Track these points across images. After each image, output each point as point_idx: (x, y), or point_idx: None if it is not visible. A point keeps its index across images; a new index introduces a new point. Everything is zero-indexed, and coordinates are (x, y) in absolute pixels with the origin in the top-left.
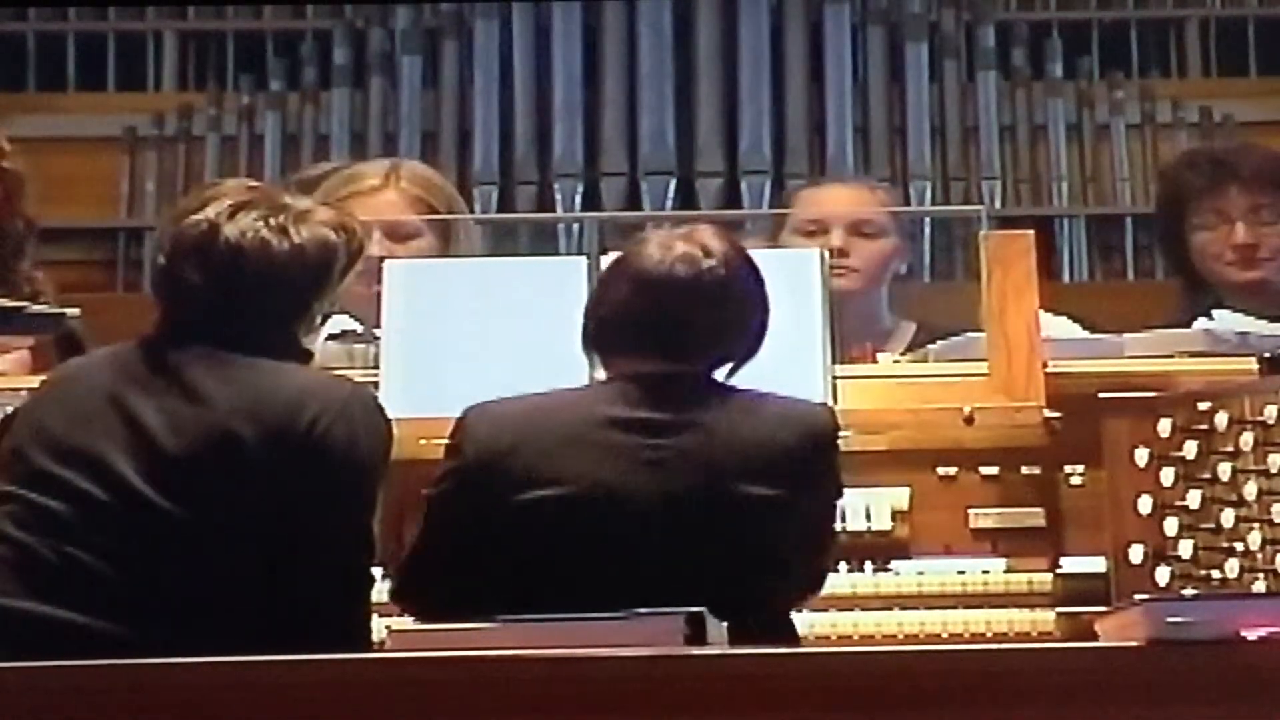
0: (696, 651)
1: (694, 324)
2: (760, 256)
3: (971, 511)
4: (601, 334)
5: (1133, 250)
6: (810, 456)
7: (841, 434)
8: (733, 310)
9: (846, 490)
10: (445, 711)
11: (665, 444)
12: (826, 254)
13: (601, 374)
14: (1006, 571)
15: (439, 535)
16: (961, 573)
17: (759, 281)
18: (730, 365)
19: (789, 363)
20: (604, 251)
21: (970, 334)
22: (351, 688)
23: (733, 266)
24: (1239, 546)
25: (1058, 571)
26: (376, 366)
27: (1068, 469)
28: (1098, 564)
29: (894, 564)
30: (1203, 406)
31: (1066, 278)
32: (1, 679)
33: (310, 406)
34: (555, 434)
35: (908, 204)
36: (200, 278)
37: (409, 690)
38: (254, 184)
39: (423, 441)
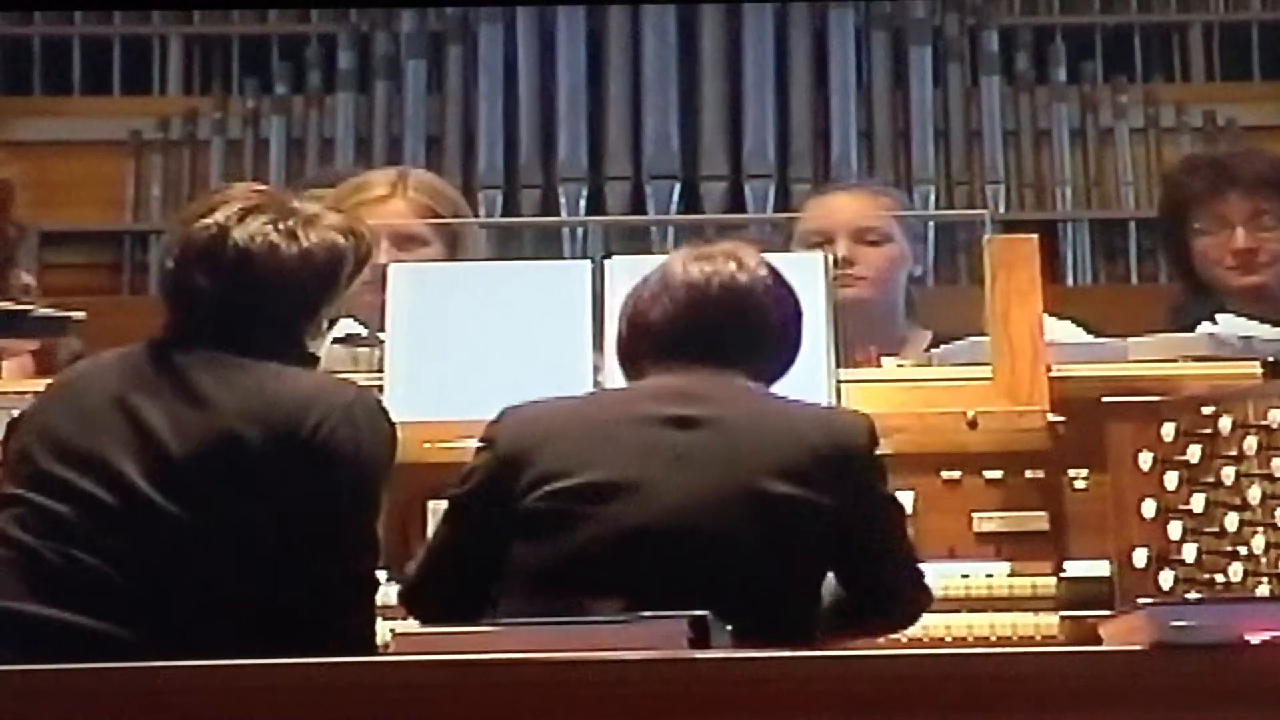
0: (701, 655)
1: (736, 333)
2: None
3: (975, 515)
4: (644, 342)
5: (1136, 254)
6: (841, 462)
7: None
8: (774, 320)
9: None
10: (449, 715)
11: (692, 439)
12: (830, 258)
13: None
14: (1010, 575)
15: (459, 530)
16: (965, 576)
17: (793, 293)
18: (770, 375)
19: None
20: (608, 255)
21: (974, 338)
22: (356, 691)
23: (771, 279)
24: (1243, 550)
25: (1061, 575)
26: (381, 370)
27: (1071, 473)
28: (1101, 568)
29: None
30: (1206, 410)
31: (1070, 282)
32: (6, 681)
33: (315, 410)
34: (584, 430)
35: (912, 208)
36: (208, 282)
37: (413, 694)
38: (263, 188)
39: (426, 445)
